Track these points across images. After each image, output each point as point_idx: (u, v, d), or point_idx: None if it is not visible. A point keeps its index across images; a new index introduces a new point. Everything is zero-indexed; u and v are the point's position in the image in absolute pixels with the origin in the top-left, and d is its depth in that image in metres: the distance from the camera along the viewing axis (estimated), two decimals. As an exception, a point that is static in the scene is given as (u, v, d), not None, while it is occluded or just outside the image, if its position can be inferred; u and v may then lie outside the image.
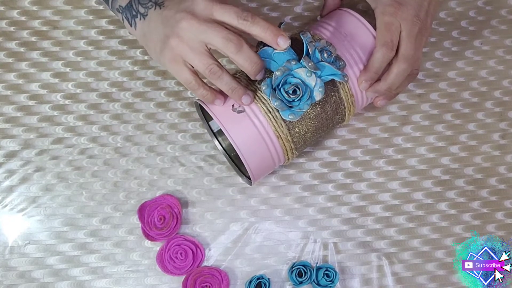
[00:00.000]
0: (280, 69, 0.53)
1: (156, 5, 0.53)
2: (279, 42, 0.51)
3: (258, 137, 0.55)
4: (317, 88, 0.53)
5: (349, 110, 0.59)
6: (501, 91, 0.70)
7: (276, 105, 0.53)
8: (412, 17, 0.56)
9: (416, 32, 0.56)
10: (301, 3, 0.70)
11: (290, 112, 0.53)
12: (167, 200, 0.64)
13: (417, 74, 0.59)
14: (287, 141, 0.56)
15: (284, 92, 0.53)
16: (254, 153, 0.55)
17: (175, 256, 0.63)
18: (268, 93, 0.53)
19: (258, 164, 0.57)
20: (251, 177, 0.57)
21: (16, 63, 0.67)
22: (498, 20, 0.71)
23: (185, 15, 0.50)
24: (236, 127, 0.54)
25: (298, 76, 0.53)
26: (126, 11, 0.56)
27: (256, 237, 0.65)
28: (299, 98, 0.53)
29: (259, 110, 0.55)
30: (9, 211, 0.64)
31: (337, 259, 0.65)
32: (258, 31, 0.50)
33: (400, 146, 0.68)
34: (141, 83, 0.68)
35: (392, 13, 0.55)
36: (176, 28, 0.51)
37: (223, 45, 0.50)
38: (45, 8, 0.68)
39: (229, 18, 0.50)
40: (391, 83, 0.57)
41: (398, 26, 0.55)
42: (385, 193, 0.67)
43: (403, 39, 0.56)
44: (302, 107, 0.54)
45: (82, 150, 0.66)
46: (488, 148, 0.68)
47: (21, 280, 0.63)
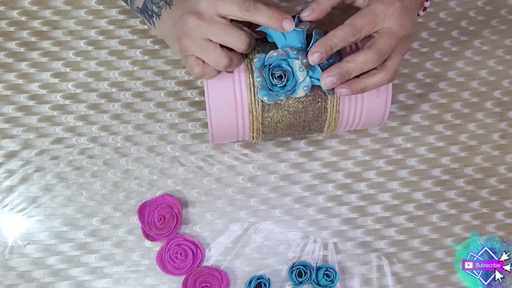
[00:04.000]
0: (278, 51, 0.53)
1: (167, 4, 0.54)
2: (284, 26, 0.51)
3: (232, 101, 0.55)
4: (303, 86, 0.54)
5: (330, 123, 0.59)
6: (501, 91, 0.70)
7: (258, 81, 0.53)
8: (404, 21, 0.53)
9: (401, 36, 0.53)
10: (301, 3, 0.70)
11: (266, 93, 0.54)
12: (167, 200, 0.64)
13: (391, 80, 0.54)
14: (257, 120, 0.57)
15: (271, 73, 0.54)
16: (221, 113, 0.56)
17: (175, 256, 0.63)
18: (256, 67, 0.53)
19: (221, 124, 0.57)
20: (210, 134, 0.58)
21: (16, 63, 0.67)
22: (498, 20, 0.71)
23: (190, 15, 0.51)
24: (217, 82, 0.55)
25: (291, 65, 0.54)
26: (144, 12, 0.57)
27: (256, 237, 0.65)
28: (281, 85, 0.54)
29: (245, 79, 0.55)
30: (9, 211, 0.65)
31: (337, 259, 0.65)
32: (262, 19, 0.51)
33: (400, 146, 0.68)
34: (141, 83, 0.68)
35: (384, 4, 0.52)
36: (184, 29, 0.52)
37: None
38: (45, 8, 0.68)
39: (232, 10, 0.50)
40: (351, 67, 0.52)
41: (381, 20, 0.52)
42: (385, 193, 0.67)
43: (383, 34, 0.52)
44: (280, 95, 0.54)
45: (82, 150, 0.66)
46: (488, 148, 0.68)
47: (21, 280, 0.63)
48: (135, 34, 0.68)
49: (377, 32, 0.53)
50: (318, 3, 0.53)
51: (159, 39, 0.68)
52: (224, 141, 0.64)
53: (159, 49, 0.68)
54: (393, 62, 0.54)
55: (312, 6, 0.53)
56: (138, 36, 0.68)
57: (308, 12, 0.53)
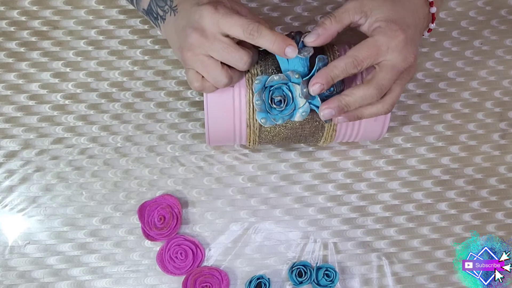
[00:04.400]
0: (280, 75, 0.53)
1: (171, 10, 0.54)
2: (286, 52, 0.51)
3: (230, 113, 0.56)
4: (301, 111, 0.54)
5: (326, 139, 0.60)
6: (501, 91, 0.70)
7: (257, 104, 0.54)
8: (407, 54, 0.51)
9: (403, 69, 0.52)
10: (301, 3, 0.70)
11: (264, 116, 0.54)
12: (167, 200, 0.64)
13: (388, 111, 0.54)
14: (254, 133, 0.57)
15: (270, 97, 0.54)
16: (219, 122, 0.57)
17: (175, 256, 0.63)
18: (256, 89, 0.53)
19: (218, 131, 0.58)
20: (206, 136, 0.58)
21: (16, 63, 0.67)
22: (498, 20, 0.71)
23: (193, 31, 0.51)
24: (217, 94, 0.55)
25: (292, 89, 0.54)
26: (149, 14, 0.57)
27: (256, 237, 0.65)
28: (280, 110, 0.54)
29: (245, 94, 0.55)
30: (9, 211, 0.65)
31: (337, 259, 0.65)
32: (265, 44, 0.51)
33: (400, 146, 0.68)
34: (141, 83, 0.68)
35: (388, 37, 0.51)
36: (186, 43, 0.52)
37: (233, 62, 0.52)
38: (45, 8, 0.68)
39: (236, 32, 0.50)
40: (350, 101, 0.52)
41: (383, 53, 0.51)
42: (385, 193, 0.67)
43: (385, 67, 0.51)
44: (277, 119, 0.54)
45: (82, 150, 0.66)
46: (488, 148, 0.69)
47: (21, 280, 0.63)
48: (135, 34, 0.68)
49: (379, 64, 0.52)
50: (324, 29, 0.52)
51: (159, 39, 0.68)
52: (220, 144, 0.65)
53: (159, 49, 0.68)
54: (393, 94, 0.54)
55: (318, 32, 0.52)
56: (138, 36, 0.68)
57: (313, 38, 0.52)
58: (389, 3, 0.53)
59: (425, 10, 0.55)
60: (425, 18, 0.56)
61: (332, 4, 0.70)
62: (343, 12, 0.53)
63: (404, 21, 0.52)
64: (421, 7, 0.55)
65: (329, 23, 0.52)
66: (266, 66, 0.56)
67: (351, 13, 0.52)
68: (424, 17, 0.55)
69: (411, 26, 0.52)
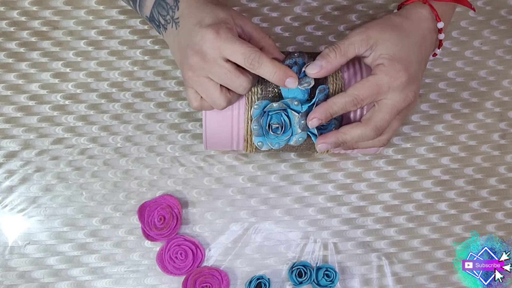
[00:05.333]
0: (279, 104, 0.53)
1: (173, 21, 0.54)
2: (287, 84, 0.51)
3: (228, 129, 0.56)
4: (298, 137, 0.54)
5: (322, 153, 0.60)
6: (501, 91, 0.70)
7: (254, 129, 0.54)
8: (408, 93, 0.51)
9: (402, 108, 0.52)
10: (300, 4, 0.70)
11: (261, 140, 0.54)
12: (167, 200, 0.64)
13: (383, 145, 0.55)
14: (251, 146, 0.58)
15: (268, 123, 0.54)
16: (217, 136, 0.57)
17: (175, 256, 0.63)
18: (255, 115, 0.54)
19: (215, 141, 0.58)
20: (204, 142, 0.58)
21: (16, 64, 0.67)
22: (498, 20, 0.71)
23: (194, 54, 0.51)
24: (215, 110, 0.56)
25: (290, 116, 0.54)
26: (152, 21, 0.57)
27: (256, 237, 0.65)
28: (277, 136, 0.54)
29: (244, 112, 0.56)
30: (9, 212, 0.65)
31: (337, 259, 0.65)
32: (266, 74, 0.51)
33: (400, 146, 0.68)
34: (141, 83, 0.68)
35: (390, 77, 0.50)
36: (187, 63, 0.52)
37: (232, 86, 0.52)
38: (45, 8, 0.68)
39: (237, 59, 0.50)
40: (346, 139, 0.53)
41: (384, 92, 0.51)
42: (385, 193, 0.67)
43: (384, 107, 0.52)
44: (274, 143, 0.54)
45: (82, 150, 0.66)
46: (488, 148, 0.69)
47: (21, 280, 0.63)
48: (135, 34, 0.68)
49: (378, 103, 0.52)
50: (327, 62, 0.52)
51: (159, 39, 0.68)
52: (217, 149, 0.65)
53: (159, 49, 0.68)
54: (389, 130, 0.54)
55: (321, 64, 0.52)
56: (138, 36, 0.68)
57: (315, 69, 0.52)
58: (395, 37, 0.52)
59: (433, 37, 0.55)
60: (431, 45, 0.55)
61: (332, 4, 0.70)
62: (348, 45, 0.52)
63: (409, 57, 0.51)
64: (429, 34, 0.54)
65: (334, 56, 0.52)
66: (266, 85, 0.55)
67: (357, 47, 0.52)
68: (430, 44, 0.55)
69: (415, 62, 0.52)
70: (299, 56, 0.55)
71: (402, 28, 0.53)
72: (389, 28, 0.52)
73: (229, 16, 0.52)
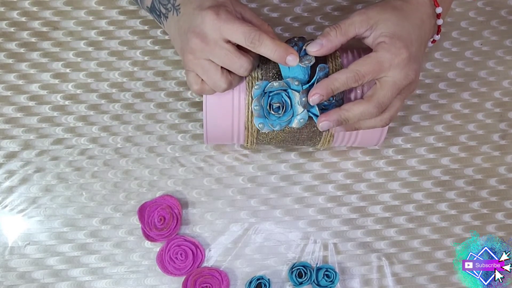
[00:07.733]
0: (280, 82, 0.53)
1: (174, 8, 0.54)
2: (287, 61, 0.51)
3: (228, 114, 0.56)
4: (299, 118, 0.53)
5: (323, 143, 0.60)
6: (501, 92, 0.70)
7: (255, 110, 0.53)
8: (409, 71, 0.51)
9: (403, 86, 0.52)
10: (300, 4, 0.70)
11: (262, 122, 0.54)
12: (167, 200, 0.64)
13: (386, 124, 0.55)
14: (251, 135, 0.57)
15: (269, 103, 0.54)
16: (217, 123, 0.57)
17: (175, 257, 0.63)
18: (255, 95, 0.53)
19: (216, 131, 0.58)
20: (204, 135, 0.58)
21: (16, 64, 0.67)
22: (498, 20, 0.71)
23: (194, 36, 0.51)
24: (217, 95, 0.56)
25: (291, 96, 0.53)
26: (152, 11, 0.57)
27: (256, 238, 0.65)
28: (278, 116, 0.54)
29: (244, 97, 0.55)
30: (9, 212, 0.64)
31: (337, 259, 0.65)
32: (266, 52, 0.51)
33: (400, 146, 0.68)
34: (141, 84, 0.68)
35: (391, 54, 0.51)
36: (188, 47, 0.52)
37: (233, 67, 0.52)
38: (45, 9, 0.68)
39: (238, 39, 0.50)
40: (349, 116, 0.52)
41: (385, 69, 0.51)
42: (385, 194, 0.67)
43: (385, 84, 0.52)
44: (275, 125, 0.54)
45: (82, 150, 0.66)
46: (488, 148, 0.69)
47: (21, 280, 0.63)
48: (135, 35, 0.68)
49: (380, 80, 0.52)
50: (328, 40, 0.52)
51: (159, 39, 0.68)
52: (218, 143, 0.65)
53: (159, 50, 0.68)
54: (392, 109, 0.54)
55: (322, 42, 0.52)
56: (138, 36, 0.68)
57: (316, 47, 0.52)
58: (395, 17, 0.52)
59: (431, 21, 0.55)
60: (430, 30, 0.55)
61: (332, 4, 0.70)
62: (349, 24, 0.52)
63: (409, 37, 0.52)
64: (427, 19, 0.54)
65: (334, 35, 0.52)
66: (267, 70, 0.56)
67: (357, 26, 0.52)
68: (429, 29, 0.55)
69: (415, 42, 0.52)
70: (299, 40, 0.55)
71: (402, 10, 0.53)
72: (389, 9, 0.53)
73: (228, 1, 0.53)
